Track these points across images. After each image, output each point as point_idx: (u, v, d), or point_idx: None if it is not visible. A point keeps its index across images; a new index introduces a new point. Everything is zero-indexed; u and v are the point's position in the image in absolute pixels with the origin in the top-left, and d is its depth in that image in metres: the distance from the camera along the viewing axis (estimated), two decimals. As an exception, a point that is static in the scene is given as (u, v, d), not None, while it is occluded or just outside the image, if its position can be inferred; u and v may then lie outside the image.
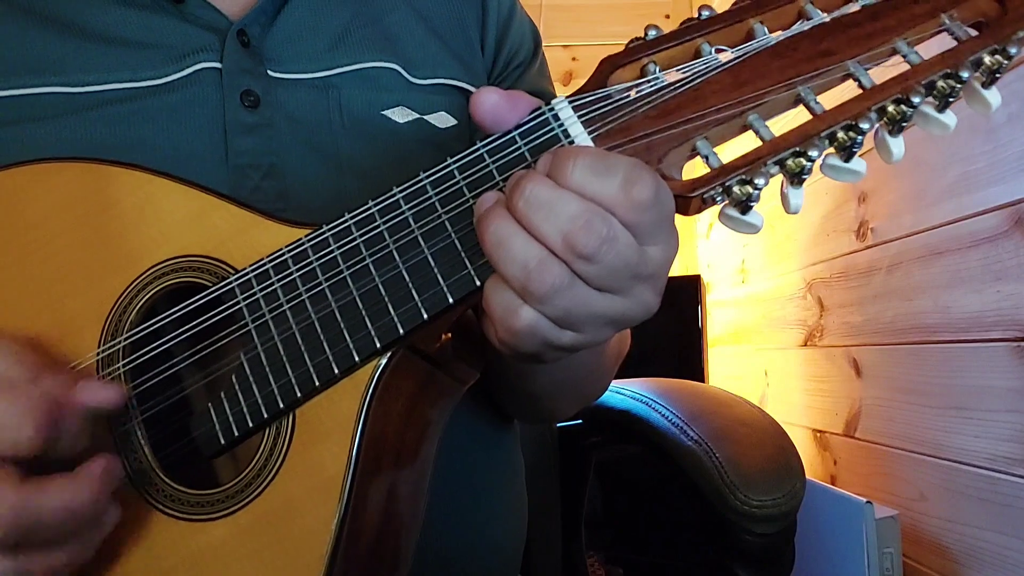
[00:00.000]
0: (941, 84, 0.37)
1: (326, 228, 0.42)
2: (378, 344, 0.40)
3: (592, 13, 1.95)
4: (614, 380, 0.67)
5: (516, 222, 0.35)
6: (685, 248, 2.01)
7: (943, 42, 0.38)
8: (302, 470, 0.40)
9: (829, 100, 0.38)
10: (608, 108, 0.39)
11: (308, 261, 0.41)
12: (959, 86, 0.37)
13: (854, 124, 0.37)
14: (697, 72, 0.39)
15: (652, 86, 0.39)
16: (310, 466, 0.40)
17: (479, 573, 0.60)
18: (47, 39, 0.55)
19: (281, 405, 0.40)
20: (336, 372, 0.40)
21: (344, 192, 0.57)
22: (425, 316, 0.39)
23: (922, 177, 1.03)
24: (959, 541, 0.97)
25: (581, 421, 1.12)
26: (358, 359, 0.40)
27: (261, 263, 0.42)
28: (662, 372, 1.31)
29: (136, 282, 0.44)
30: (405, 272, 0.40)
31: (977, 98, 0.38)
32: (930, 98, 0.38)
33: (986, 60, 0.37)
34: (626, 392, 1.08)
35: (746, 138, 0.40)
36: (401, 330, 0.39)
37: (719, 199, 0.38)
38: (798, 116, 0.38)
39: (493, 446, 0.64)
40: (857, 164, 0.38)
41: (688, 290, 1.79)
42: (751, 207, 0.38)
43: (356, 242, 0.41)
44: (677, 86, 0.39)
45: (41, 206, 0.46)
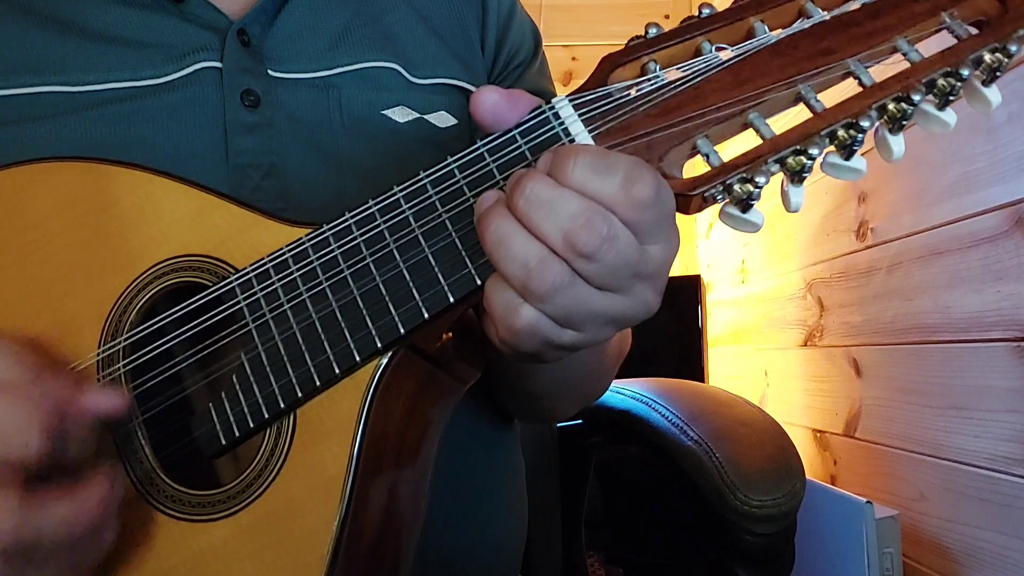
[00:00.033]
0: (941, 82, 0.37)
1: (326, 227, 0.41)
2: (379, 344, 0.40)
3: (592, 13, 1.95)
4: (614, 380, 0.67)
5: (516, 221, 0.35)
6: (685, 248, 2.01)
7: (943, 40, 0.38)
8: (303, 470, 0.40)
9: (829, 98, 0.38)
10: (608, 107, 0.39)
11: (308, 260, 0.41)
12: (959, 84, 0.37)
13: (855, 122, 0.37)
14: (697, 70, 0.39)
15: (652, 84, 0.39)
16: (311, 466, 0.40)
17: (479, 573, 0.60)
18: (47, 38, 0.55)
19: (282, 405, 0.40)
20: (337, 372, 0.40)
21: (344, 192, 0.57)
22: (426, 315, 0.39)
23: (922, 177, 1.03)
24: (959, 541, 0.97)
25: (581, 421, 1.12)
26: (359, 359, 0.40)
27: (261, 262, 0.42)
28: (662, 372, 1.31)
29: (136, 282, 0.44)
30: (406, 271, 0.40)
31: (977, 96, 0.38)
32: (930, 96, 0.38)
33: (986, 58, 0.37)
34: (626, 392, 1.08)
35: (746, 136, 0.40)
36: (402, 329, 0.39)
37: (720, 197, 0.38)
38: (799, 114, 0.38)
39: (494, 446, 0.64)
40: (858, 162, 0.38)
41: (688, 290, 1.79)
42: (752, 205, 0.38)
43: (356, 241, 0.41)
44: (677, 84, 0.39)
45: (41, 206, 0.46)
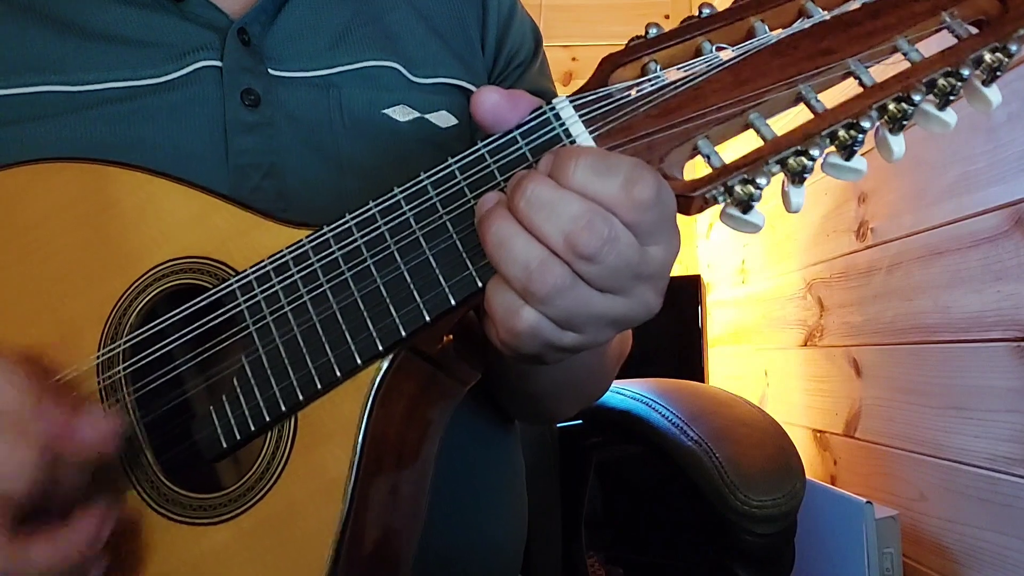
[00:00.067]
0: (942, 82, 0.37)
1: (327, 229, 0.41)
2: (380, 346, 0.39)
3: (592, 13, 1.95)
4: (614, 380, 0.67)
5: (517, 222, 0.35)
6: (685, 248, 2.01)
7: (943, 40, 0.38)
8: (304, 473, 0.40)
9: (829, 98, 0.38)
10: (609, 107, 0.39)
11: (309, 262, 0.41)
12: (960, 84, 0.37)
13: (855, 123, 0.37)
14: (698, 71, 0.39)
15: (653, 85, 0.39)
16: (312, 469, 0.40)
17: (479, 573, 0.59)
18: (47, 38, 0.55)
19: (283, 408, 0.40)
20: (338, 375, 0.40)
21: (345, 192, 0.57)
22: (427, 318, 0.39)
23: (922, 177, 1.03)
24: (959, 541, 0.97)
25: (581, 421, 1.12)
26: (360, 361, 0.40)
27: (262, 264, 0.42)
28: (662, 372, 1.31)
29: (136, 284, 0.44)
30: (407, 273, 0.39)
31: (978, 96, 0.38)
32: (931, 96, 0.38)
33: (987, 58, 0.37)
34: (626, 392, 1.08)
35: (746, 137, 0.40)
36: (403, 332, 0.39)
37: (721, 199, 0.38)
38: (799, 114, 0.38)
39: (494, 446, 0.64)
40: (858, 163, 0.38)
41: (688, 290, 1.79)
42: (753, 206, 0.38)
43: (357, 243, 0.40)
44: (678, 85, 0.39)
45: (41, 206, 0.46)
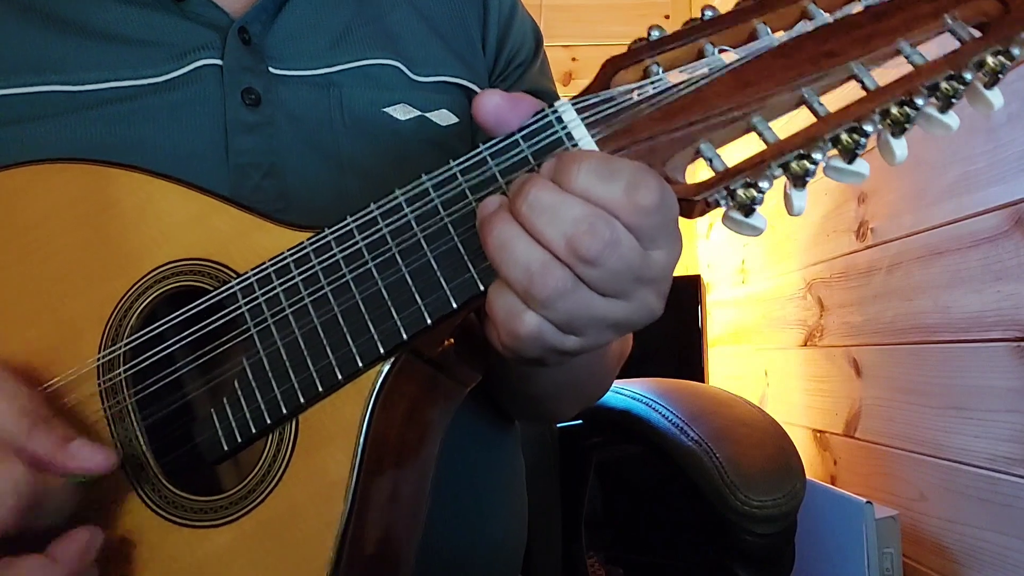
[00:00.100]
0: (944, 85, 0.37)
1: (328, 231, 0.41)
2: (381, 349, 0.39)
3: (592, 13, 1.95)
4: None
5: (519, 226, 0.35)
6: (685, 248, 1.99)
7: (944, 41, 0.38)
8: (305, 475, 0.40)
9: (831, 101, 0.38)
10: (611, 110, 0.39)
11: (310, 265, 0.41)
12: (962, 87, 0.37)
13: (858, 126, 0.37)
14: (700, 73, 0.38)
15: (655, 88, 0.39)
16: (313, 471, 0.40)
17: (480, 573, 0.59)
18: (47, 37, 0.55)
19: (284, 411, 0.40)
20: (339, 377, 0.40)
21: (345, 190, 0.57)
22: (429, 321, 0.39)
23: (922, 177, 1.03)
24: (959, 541, 0.97)
25: (581, 421, 1.12)
26: (361, 364, 0.40)
27: (263, 267, 0.42)
28: (662, 372, 1.30)
29: (137, 285, 0.44)
30: (408, 276, 0.39)
31: (980, 99, 0.38)
32: (933, 99, 0.38)
33: (989, 61, 0.37)
34: (626, 392, 1.08)
35: (747, 139, 0.39)
36: (404, 335, 0.39)
37: (723, 202, 0.38)
38: (800, 117, 0.38)
39: (494, 447, 0.64)
40: (860, 166, 0.38)
41: (688, 290, 1.79)
42: (755, 210, 0.38)
43: (358, 245, 0.40)
44: (680, 87, 0.38)
45: (41, 206, 0.46)
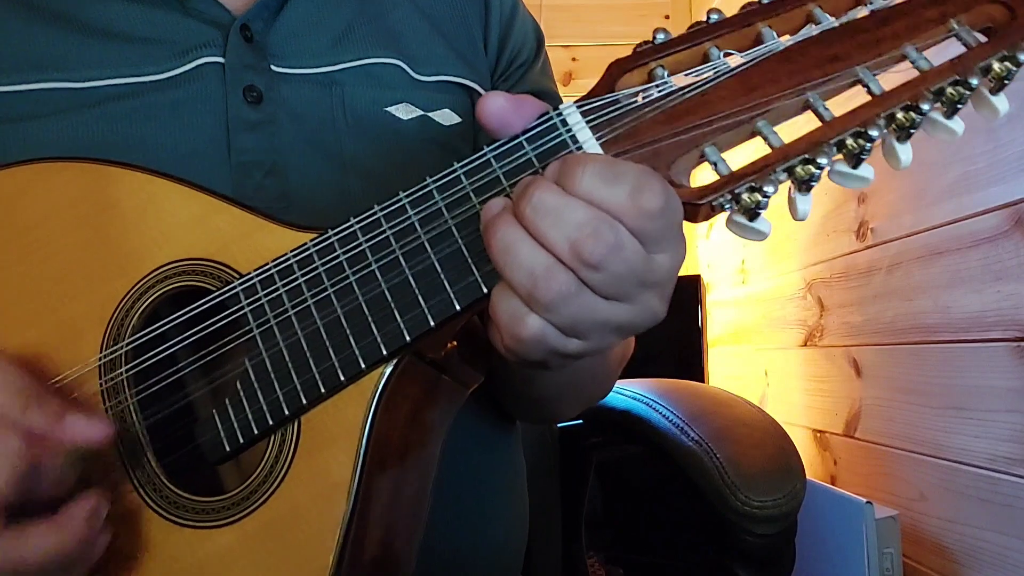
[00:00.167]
0: (950, 91, 0.37)
1: (331, 232, 0.41)
2: (384, 351, 0.39)
3: (592, 13, 1.94)
4: (615, 381, 0.67)
5: (523, 229, 0.35)
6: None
7: (950, 47, 0.38)
8: (308, 476, 0.40)
9: (836, 105, 0.38)
10: (616, 113, 0.39)
11: (313, 266, 0.41)
12: (968, 93, 0.37)
13: (863, 131, 0.37)
14: (705, 77, 0.38)
15: (660, 91, 0.39)
16: (316, 473, 0.40)
17: (480, 573, 0.60)
18: (50, 35, 0.55)
19: (286, 412, 0.40)
20: (342, 379, 0.40)
21: (347, 189, 0.56)
22: (432, 323, 0.39)
23: (922, 177, 1.03)
24: (959, 541, 0.97)
25: (582, 421, 1.12)
26: (364, 366, 0.39)
27: (266, 268, 0.42)
28: (662, 372, 1.30)
29: (138, 285, 0.44)
30: (411, 278, 0.39)
31: (985, 104, 0.38)
32: (938, 104, 0.37)
33: (995, 67, 0.37)
34: (627, 392, 1.08)
35: (752, 143, 0.39)
36: (408, 337, 0.39)
37: (728, 206, 0.38)
38: (806, 121, 0.38)
39: (495, 448, 0.64)
40: (865, 171, 0.38)
41: (688, 290, 1.79)
42: (759, 214, 0.38)
43: (362, 247, 0.40)
44: (685, 91, 0.38)
45: (41, 206, 0.46)
